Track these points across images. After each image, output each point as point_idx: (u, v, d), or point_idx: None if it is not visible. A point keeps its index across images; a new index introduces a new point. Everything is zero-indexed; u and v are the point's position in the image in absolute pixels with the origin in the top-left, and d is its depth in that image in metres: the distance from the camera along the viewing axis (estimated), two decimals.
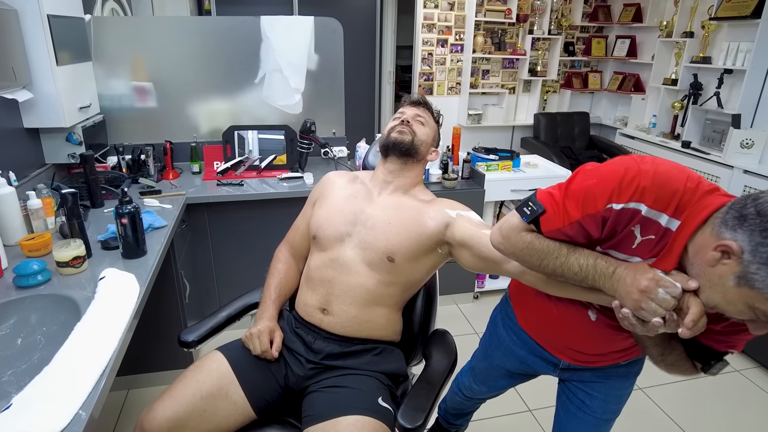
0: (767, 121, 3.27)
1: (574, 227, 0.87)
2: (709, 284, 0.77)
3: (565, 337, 1.14)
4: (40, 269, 1.31)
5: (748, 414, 2.06)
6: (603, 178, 0.84)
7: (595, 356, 1.13)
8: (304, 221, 1.39)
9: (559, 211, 0.88)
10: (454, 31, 4.47)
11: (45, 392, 0.90)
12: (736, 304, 0.75)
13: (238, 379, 1.15)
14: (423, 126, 1.31)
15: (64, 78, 1.88)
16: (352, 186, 1.33)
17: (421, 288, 1.38)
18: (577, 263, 0.88)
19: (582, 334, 1.09)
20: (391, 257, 1.19)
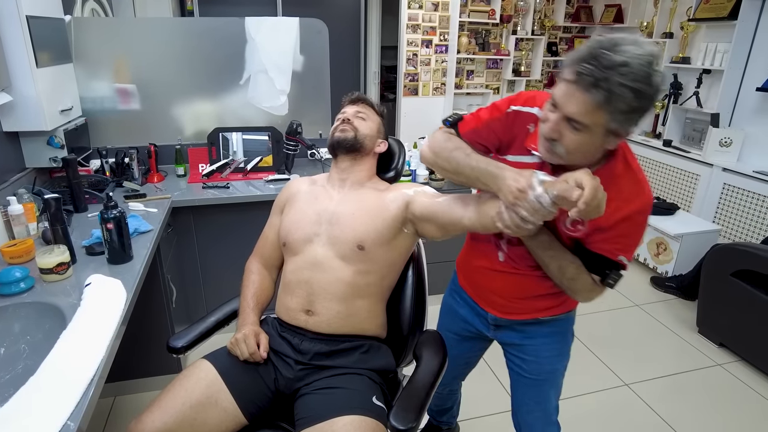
0: (745, 120, 3.35)
1: (485, 126, 1.11)
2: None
3: (484, 282, 1.27)
4: (23, 276, 1.28)
5: (730, 407, 2.10)
6: (504, 98, 1.12)
7: (511, 301, 1.23)
8: (272, 231, 1.41)
9: (473, 116, 1.14)
10: (439, 32, 4.49)
11: (32, 403, 0.88)
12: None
13: (227, 385, 1.15)
14: (364, 121, 1.36)
15: (44, 80, 1.84)
16: (313, 189, 1.37)
17: (407, 285, 1.39)
18: (475, 163, 1.06)
19: (495, 274, 1.22)
20: (361, 245, 1.22)
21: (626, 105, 0.85)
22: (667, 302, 2.94)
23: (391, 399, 1.23)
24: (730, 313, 2.40)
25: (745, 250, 2.31)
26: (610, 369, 2.32)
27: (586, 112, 0.88)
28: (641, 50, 0.84)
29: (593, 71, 0.84)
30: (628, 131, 0.92)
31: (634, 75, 0.83)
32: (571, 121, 0.90)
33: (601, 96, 0.84)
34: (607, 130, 0.90)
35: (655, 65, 0.85)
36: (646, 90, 0.84)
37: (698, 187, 3.52)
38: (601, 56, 0.84)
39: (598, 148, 0.95)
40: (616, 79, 0.83)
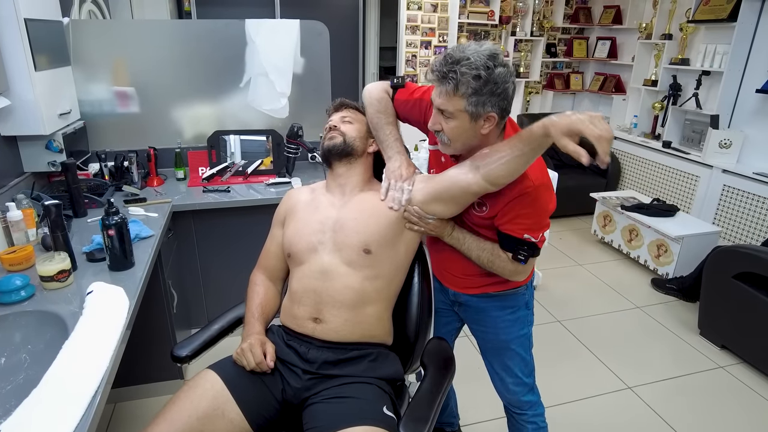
0: (744, 122, 3.35)
1: (412, 103, 1.33)
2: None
3: (440, 260, 1.42)
4: (23, 284, 1.26)
5: (733, 410, 2.10)
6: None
7: (461, 278, 1.38)
8: (273, 243, 1.39)
9: (410, 89, 1.34)
10: (438, 33, 4.48)
11: (35, 417, 0.86)
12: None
13: (233, 396, 1.13)
14: (351, 124, 1.36)
15: (42, 84, 1.82)
16: (313, 197, 1.36)
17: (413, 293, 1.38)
18: (387, 131, 1.33)
19: (446, 256, 1.37)
20: (367, 248, 1.22)
21: (472, 89, 1.06)
22: (668, 304, 2.94)
23: (398, 406, 1.22)
24: (731, 315, 2.40)
25: (747, 252, 2.31)
26: (613, 372, 2.31)
27: (446, 101, 1.10)
28: (482, 48, 1.07)
29: (442, 67, 1.08)
30: (489, 114, 1.09)
31: (473, 65, 1.05)
32: (442, 112, 1.12)
33: (451, 85, 1.07)
34: (470, 114, 1.09)
35: (496, 59, 1.07)
36: (486, 75, 1.05)
37: (698, 189, 3.52)
38: (449, 56, 1.08)
39: (473, 132, 1.13)
40: (459, 69, 1.05)
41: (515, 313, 1.39)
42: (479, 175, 1.13)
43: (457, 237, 1.27)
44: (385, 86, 1.36)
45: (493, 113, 1.09)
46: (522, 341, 1.41)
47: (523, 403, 1.45)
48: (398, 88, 1.35)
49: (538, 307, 1.47)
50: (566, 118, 0.95)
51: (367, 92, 1.37)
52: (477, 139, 1.15)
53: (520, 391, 1.44)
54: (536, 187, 1.15)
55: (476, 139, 1.15)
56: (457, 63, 1.05)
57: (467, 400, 1.82)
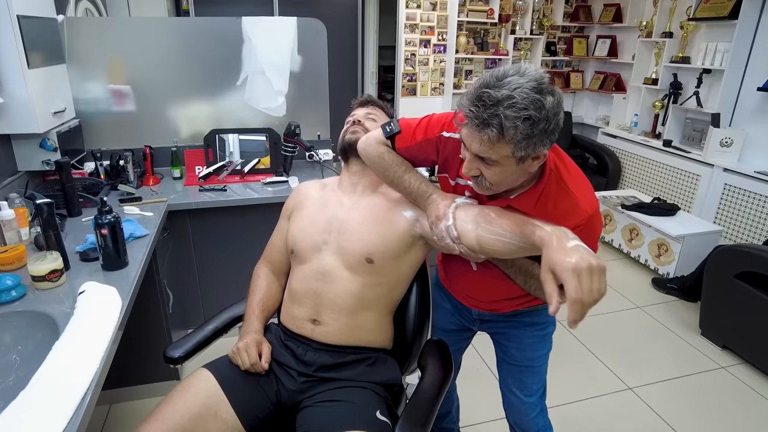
0: (745, 120, 3.33)
1: (417, 147, 1.15)
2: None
3: (464, 286, 1.32)
4: (14, 284, 1.24)
5: (734, 410, 2.08)
6: (441, 116, 1.15)
7: (490, 302, 1.29)
8: (279, 237, 1.37)
9: (409, 133, 1.16)
10: (437, 32, 4.46)
11: (24, 418, 0.84)
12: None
13: (227, 397, 1.11)
14: (375, 122, 1.32)
15: (36, 81, 1.80)
16: (323, 194, 1.32)
17: (412, 293, 1.35)
18: (409, 181, 1.15)
19: (472, 282, 1.28)
20: (370, 258, 1.18)
21: (522, 134, 0.86)
22: (668, 304, 2.92)
23: (396, 410, 1.20)
24: (733, 315, 2.38)
25: (748, 251, 2.28)
26: (614, 372, 2.29)
27: (488, 149, 0.91)
28: (524, 78, 0.86)
29: (479, 112, 0.87)
30: (540, 152, 0.93)
31: (519, 104, 0.85)
32: (481, 159, 0.95)
33: (494, 132, 0.87)
34: (518, 159, 0.92)
35: (544, 89, 0.87)
36: (537, 115, 0.86)
37: (699, 188, 3.50)
38: (484, 96, 0.86)
39: (520, 173, 0.98)
40: (505, 113, 0.85)
41: (545, 329, 1.32)
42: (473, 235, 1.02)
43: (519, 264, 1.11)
44: (380, 139, 1.18)
45: (545, 151, 0.93)
46: (545, 359, 1.35)
47: (532, 425, 1.38)
48: (395, 135, 1.17)
49: None
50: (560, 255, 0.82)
51: (363, 152, 1.21)
52: (524, 177, 1.00)
53: (531, 412, 1.37)
54: (590, 216, 1.01)
55: (523, 177, 1.00)
56: (498, 104, 0.85)
57: (466, 400, 1.80)
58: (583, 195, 1.02)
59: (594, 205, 1.03)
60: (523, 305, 1.25)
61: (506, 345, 1.35)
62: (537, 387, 1.36)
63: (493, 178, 0.97)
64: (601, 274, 0.80)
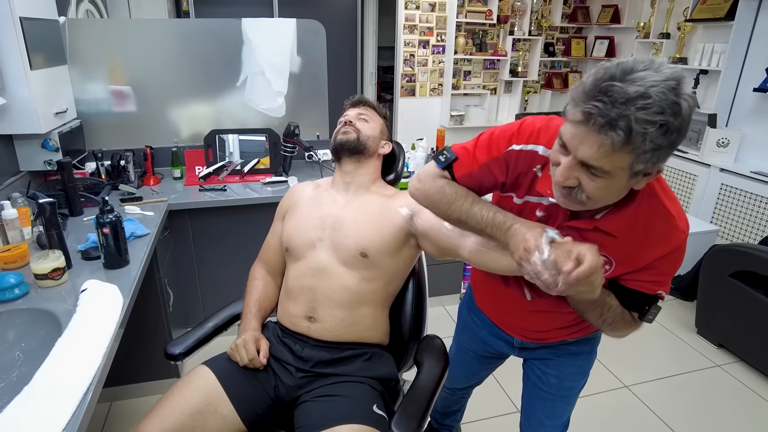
0: (742, 121, 3.35)
1: (482, 170, 0.98)
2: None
3: (510, 315, 1.21)
4: (17, 282, 1.26)
5: (730, 408, 2.10)
6: (504, 128, 0.98)
7: (538, 332, 1.18)
8: (274, 237, 1.39)
9: (469, 157, 0.99)
10: (436, 32, 4.48)
11: (27, 413, 0.86)
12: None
13: (226, 392, 1.13)
14: (367, 122, 1.34)
15: (38, 82, 1.82)
16: (316, 193, 1.35)
17: (408, 290, 1.37)
18: (480, 213, 0.96)
19: (522, 312, 1.15)
20: (364, 253, 1.20)
21: (652, 143, 0.71)
22: (665, 303, 2.92)
23: (393, 406, 1.22)
24: (729, 314, 2.40)
25: (744, 251, 2.30)
26: (610, 371, 2.31)
27: (603, 157, 0.74)
28: (660, 75, 0.70)
29: (605, 109, 0.70)
30: (660, 169, 0.78)
31: (657, 107, 0.69)
32: (587, 167, 0.77)
33: (620, 137, 0.70)
34: (632, 172, 0.76)
35: (681, 90, 0.71)
36: (674, 122, 0.70)
37: (696, 188, 3.52)
38: (612, 89, 0.70)
39: (624, 189, 0.83)
40: (636, 116, 0.69)
41: (587, 359, 1.24)
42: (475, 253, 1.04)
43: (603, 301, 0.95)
44: (435, 172, 1.03)
45: (662, 166, 0.78)
46: (578, 392, 1.28)
47: None
48: (452, 162, 1.01)
49: None
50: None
51: (419, 191, 1.05)
52: (622, 195, 0.85)
53: None
54: (687, 236, 0.90)
55: (623, 194, 0.85)
56: (628, 103, 0.69)
57: None
58: (678, 213, 0.89)
59: (686, 222, 0.91)
60: (573, 335, 1.17)
61: (545, 371, 1.25)
62: (567, 417, 1.32)
63: (595, 192, 0.79)
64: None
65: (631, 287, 0.95)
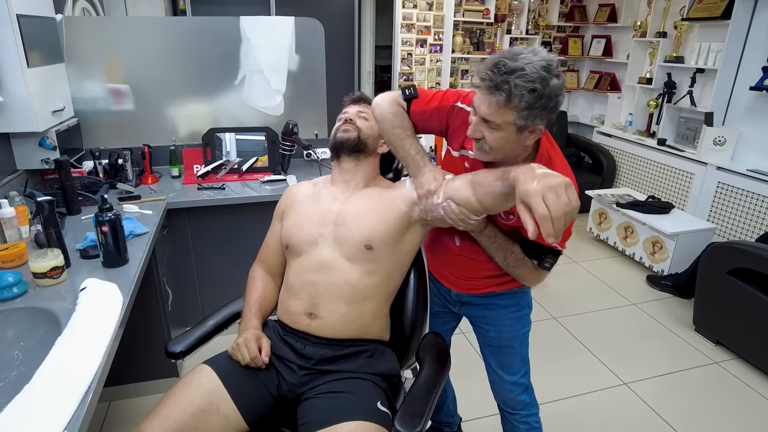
0: (738, 119, 3.37)
1: (431, 113, 1.24)
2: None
3: (445, 263, 1.40)
4: (16, 281, 1.25)
5: (728, 405, 2.11)
6: (456, 90, 1.25)
7: (468, 279, 1.36)
8: (273, 238, 1.38)
9: (425, 99, 1.25)
10: (433, 31, 4.48)
11: (27, 412, 0.85)
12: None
13: (228, 391, 1.12)
14: (367, 121, 1.33)
15: (35, 80, 1.81)
16: (315, 191, 1.35)
17: (409, 288, 1.37)
18: (407, 146, 1.24)
19: (453, 259, 1.36)
20: (369, 245, 1.20)
21: (525, 103, 0.97)
22: (663, 301, 2.95)
23: (394, 402, 1.22)
24: (726, 311, 2.41)
25: (741, 248, 2.32)
26: (609, 368, 2.32)
27: (494, 113, 1.01)
28: (537, 57, 0.98)
29: (494, 76, 0.98)
30: (537, 126, 1.03)
31: (528, 77, 0.96)
32: (486, 122, 1.04)
33: (503, 97, 0.98)
34: (518, 127, 1.02)
35: (551, 70, 0.98)
36: (542, 89, 0.97)
37: (693, 186, 3.54)
38: (501, 63, 0.98)
39: (517, 143, 1.07)
40: (515, 82, 0.96)
41: (519, 311, 1.38)
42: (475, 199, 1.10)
43: (489, 234, 1.21)
44: (398, 98, 1.26)
45: (541, 126, 1.03)
46: (523, 339, 1.41)
47: (516, 402, 1.44)
48: (412, 99, 1.25)
49: (534, 305, 1.46)
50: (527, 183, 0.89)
51: (377, 106, 1.27)
52: (519, 149, 1.10)
53: (515, 390, 1.43)
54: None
55: (518, 149, 1.10)
56: (511, 73, 0.96)
57: (462, 396, 1.82)
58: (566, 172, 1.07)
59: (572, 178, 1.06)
60: (498, 287, 1.33)
61: (485, 328, 1.42)
62: (519, 366, 1.42)
63: (494, 142, 1.06)
64: (567, 188, 0.87)
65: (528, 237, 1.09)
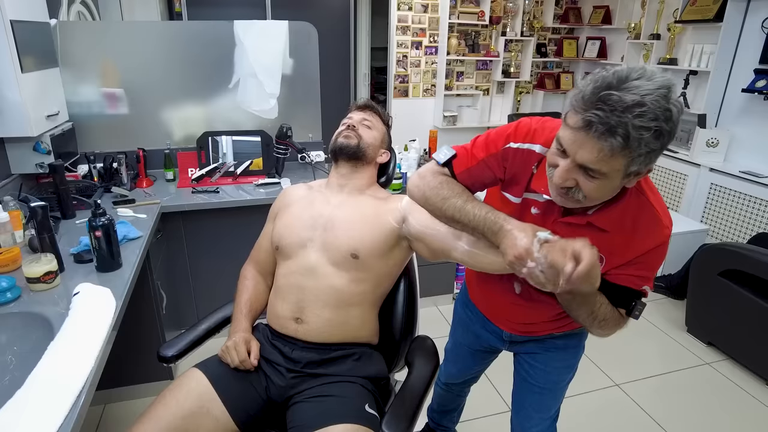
0: (731, 121, 3.39)
1: (480, 166, 1.04)
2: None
3: (500, 308, 1.26)
4: (9, 286, 1.26)
5: (719, 405, 2.13)
6: (501, 129, 1.05)
7: (527, 324, 1.23)
8: (266, 239, 1.39)
9: (467, 154, 1.06)
10: (428, 33, 4.49)
11: (20, 417, 0.87)
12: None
13: (218, 395, 1.14)
14: (369, 129, 1.34)
15: (29, 85, 1.82)
16: (309, 194, 1.36)
17: (399, 291, 1.39)
18: (473, 211, 0.99)
19: (512, 305, 1.20)
20: (355, 254, 1.21)
21: (647, 147, 0.77)
22: (655, 302, 2.97)
23: (384, 405, 1.23)
24: (718, 312, 2.43)
25: (732, 250, 2.34)
26: (601, 369, 2.33)
27: (601, 160, 0.80)
28: (653, 84, 0.76)
29: (605, 117, 0.76)
30: (650, 169, 0.85)
31: (652, 114, 0.74)
32: (585, 169, 0.83)
33: (618, 143, 0.77)
34: (627, 173, 0.83)
35: (672, 97, 0.77)
36: (666, 127, 0.76)
37: (686, 187, 3.56)
38: (611, 98, 0.75)
39: (618, 189, 0.89)
40: (633, 122, 0.75)
41: (574, 354, 1.29)
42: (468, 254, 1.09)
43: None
44: (434, 168, 1.08)
45: (651, 166, 0.84)
46: (566, 385, 1.32)
47: None
48: (451, 160, 1.07)
49: None
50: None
51: (415, 188, 1.09)
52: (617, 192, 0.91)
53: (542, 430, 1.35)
54: (670, 231, 0.94)
55: (616, 193, 0.90)
56: (626, 110, 0.74)
57: None
58: (662, 209, 0.94)
59: (671, 220, 0.95)
60: (559, 329, 1.21)
61: (534, 366, 1.29)
62: (555, 411, 1.35)
63: (592, 192, 0.85)
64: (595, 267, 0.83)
65: (618, 282, 0.98)
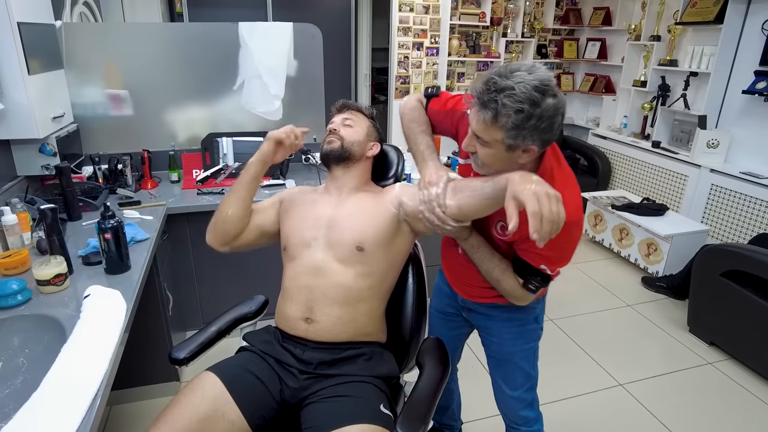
0: (731, 122, 3.41)
1: (444, 114, 1.30)
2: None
3: (453, 270, 1.42)
4: (20, 288, 1.26)
5: (721, 405, 2.14)
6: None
7: (470, 287, 1.36)
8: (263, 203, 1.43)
9: (443, 99, 1.31)
10: (430, 35, 4.50)
11: (37, 418, 0.87)
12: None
13: (233, 398, 1.14)
14: (351, 127, 1.37)
15: (35, 87, 1.82)
16: (312, 196, 1.40)
17: (408, 292, 1.40)
18: (416, 140, 1.29)
19: (459, 265, 1.36)
20: (360, 246, 1.23)
21: (512, 123, 0.97)
22: (658, 302, 2.99)
23: (395, 405, 1.24)
24: (719, 312, 2.44)
25: (734, 250, 2.35)
26: (604, 369, 2.35)
27: (483, 129, 1.02)
28: (532, 77, 0.96)
29: (483, 94, 0.99)
30: (529, 146, 1.02)
31: (516, 97, 0.95)
32: (477, 137, 1.06)
33: (489, 114, 0.98)
34: (507, 146, 1.02)
35: (546, 90, 0.96)
36: (531, 110, 0.95)
37: (687, 188, 3.58)
38: (492, 81, 0.98)
39: (509, 161, 1.07)
40: (502, 101, 0.96)
41: (522, 326, 1.36)
42: (454, 202, 1.13)
43: (472, 243, 1.22)
44: (420, 96, 1.36)
45: (533, 146, 1.02)
46: (526, 355, 1.38)
47: (519, 417, 1.42)
48: (432, 97, 1.33)
49: None
50: (522, 185, 0.91)
51: (402, 103, 1.38)
52: (513, 167, 1.06)
53: (517, 405, 1.41)
54: (568, 223, 0.99)
55: (512, 166, 1.06)
56: (500, 92, 0.96)
57: (463, 398, 1.84)
58: (570, 200, 1.02)
59: (574, 214, 1.05)
60: (501, 299, 1.28)
61: (488, 339, 1.42)
62: (521, 381, 1.40)
63: (485, 158, 1.08)
64: (558, 201, 0.89)
65: (521, 256, 1.15)
